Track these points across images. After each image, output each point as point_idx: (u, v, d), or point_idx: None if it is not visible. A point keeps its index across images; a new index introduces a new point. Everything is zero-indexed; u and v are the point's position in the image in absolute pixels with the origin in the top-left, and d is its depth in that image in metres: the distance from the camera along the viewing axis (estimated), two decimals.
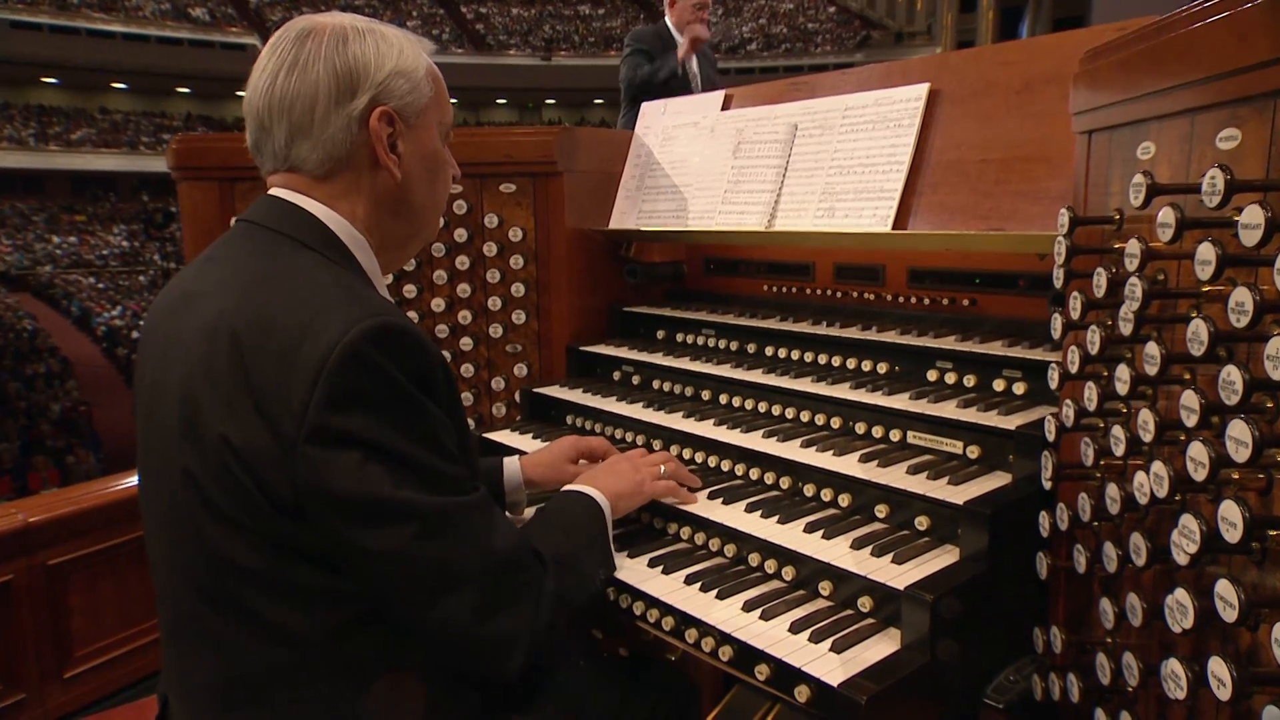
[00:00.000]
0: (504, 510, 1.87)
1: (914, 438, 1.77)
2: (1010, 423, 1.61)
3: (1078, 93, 1.39)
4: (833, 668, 1.32)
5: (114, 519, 2.64)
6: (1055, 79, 1.81)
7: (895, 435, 1.79)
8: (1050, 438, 1.39)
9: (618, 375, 2.48)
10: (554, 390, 2.44)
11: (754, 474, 1.88)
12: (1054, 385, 1.35)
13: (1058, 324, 1.31)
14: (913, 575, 1.42)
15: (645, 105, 2.78)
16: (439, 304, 2.57)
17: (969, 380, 1.83)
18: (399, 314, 1.26)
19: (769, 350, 2.22)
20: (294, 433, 1.15)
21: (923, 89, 2.03)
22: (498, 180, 2.54)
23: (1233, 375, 0.88)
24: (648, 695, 1.68)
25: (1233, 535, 0.88)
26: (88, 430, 20.01)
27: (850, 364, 2.05)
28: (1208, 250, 0.93)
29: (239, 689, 1.25)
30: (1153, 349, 1.05)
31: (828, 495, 1.72)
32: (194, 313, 1.28)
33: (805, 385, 1.98)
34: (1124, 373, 1.11)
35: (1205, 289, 0.99)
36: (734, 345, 2.33)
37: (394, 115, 1.38)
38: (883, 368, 1.98)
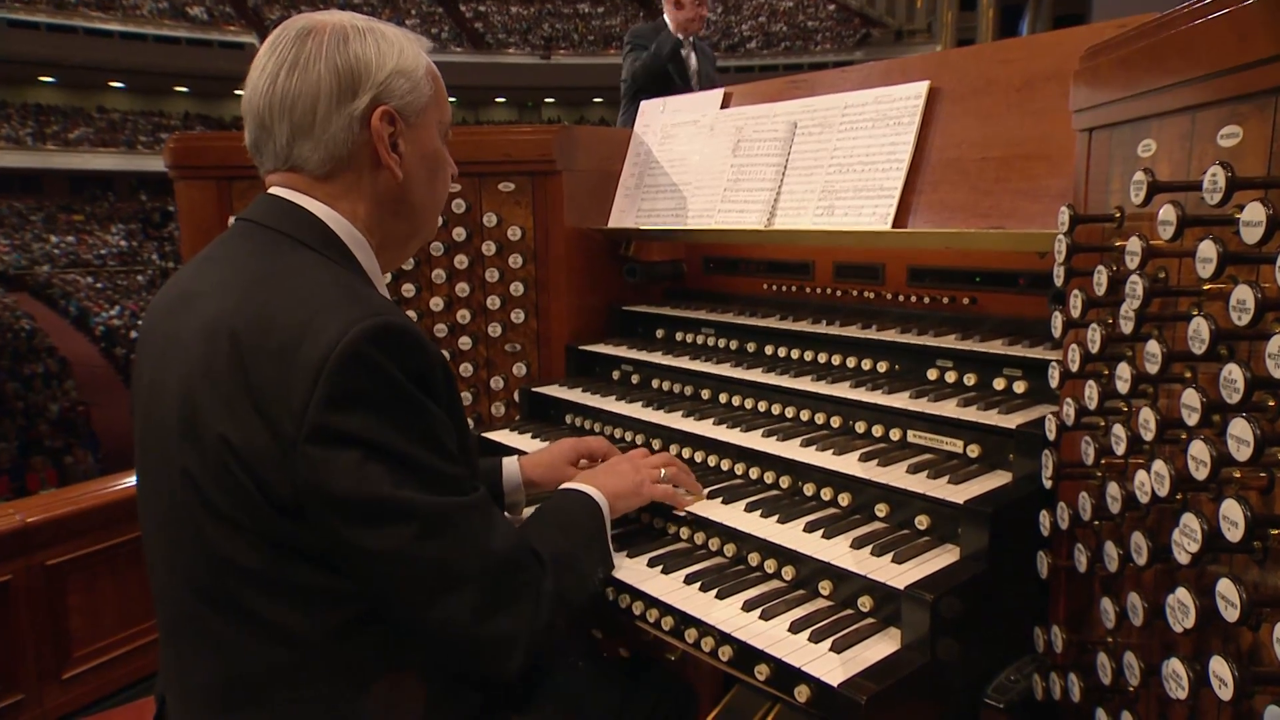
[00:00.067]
0: (503, 511, 1.87)
1: (914, 437, 1.77)
2: (1011, 421, 1.61)
3: (1078, 90, 1.38)
4: (833, 667, 1.32)
5: (112, 519, 2.64)
6: (1055, 76, 1.81)
7: (895, 434, 1.79)
8: (1051, 436, 1.39)
9: (617, 374, 2.47)
10: (553, 389, 2.44)
11: (754, 473, 1.88)
12: (1054, 384, 1.35)
13: (1058, 322, 1.30)
14: (913, 575, 1.41)
15: (644, 103, 2.78)
16: (438, 303, 2.56)
17: (969, 379, 1.83)
18: (399, 313, 1.26)
19: (769, 349, 2.22)
20: (294, 432, 1.15)
21: (923, 87, 2.02)
22: (496, 179, 2.53)
23: (1234, 373, 0.88)
24: (647, 696, 1.67)
25: (1234, 534, 0.88)
26: (86, 430, 20.00)
27: (850, 363, 2.04)
28: (1209, 248, 0.93)
29: (238, 689, 1.25)
30: (1154, 347, 1.04)
31: (827, 494, 1.72)
32: (193, 312, 1.28)
33: (805, 384, 1.98)
34: (1125, 371, 1.11)
35: (1206, 287, 0.99)
36: (733, 344, 2.33)
37: (395, 115, 1.38)
38: (883, 366, 1.98)
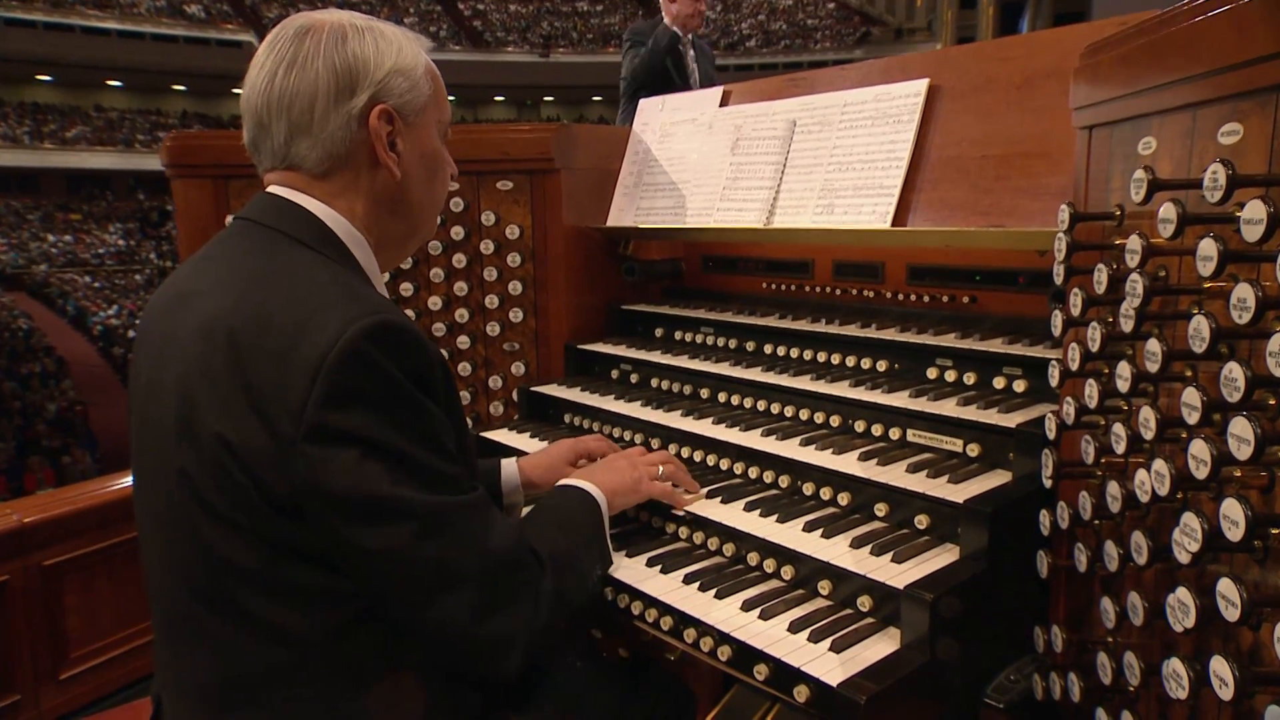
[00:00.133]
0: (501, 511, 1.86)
1: (914, 436, 1.77)
2: (1010, 420, 1.61)
3: (1078, 88, 1.38)
4: (832, 667, 1.32)
5: (110, 519, 2.63)
6: (1055, 74, 1.81)
7: (895, 433, 1.79)
8: (1051, 435, 1.38)
9: (616, 373, 2.47)
10: (552, 389, 2.44)
11: (753, 472, 1.88)
12: (1054, 383, 1.35)
13: (1058, 321, 1.30)
14: (912, 574, 1.41)
15: (643, 101, 2.77)
16: (436, 302, 2.56)
17: (969, 378, 1.83)
18: (397, 312, 1.25)
19: (768, 348, 2.21)
20: (292, 431, 1.15)
21: (922, 84, 2.02)
22: (495, 177, 2.53)
23: (1235, 372, 0.88)
24: (646, 696, 1.67)
25: (1235, 533, 0.88)
26: (83, 430, 19.97)
27: (849, 362, 2.04)
28: (1209, 246, 0.93)
29: (235, 689, 1.24)
30: (1154, 346, 1.04)
31: (827, 494, 1.72)
32: (190, 311, 1.27)
33: (804, 383, 1.98)
34: (1125, 370, 1.11)
35: (1207, 285, 0.99)
36: (732, 343, 2.33)
37: (393, 113, 1.38)
38: (882, 365, 1.97)
